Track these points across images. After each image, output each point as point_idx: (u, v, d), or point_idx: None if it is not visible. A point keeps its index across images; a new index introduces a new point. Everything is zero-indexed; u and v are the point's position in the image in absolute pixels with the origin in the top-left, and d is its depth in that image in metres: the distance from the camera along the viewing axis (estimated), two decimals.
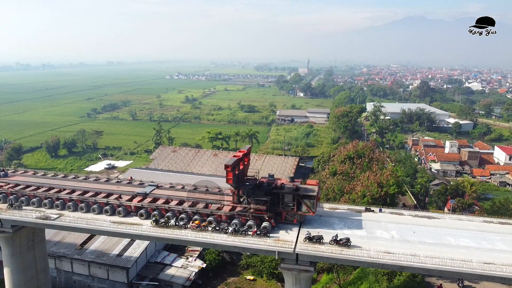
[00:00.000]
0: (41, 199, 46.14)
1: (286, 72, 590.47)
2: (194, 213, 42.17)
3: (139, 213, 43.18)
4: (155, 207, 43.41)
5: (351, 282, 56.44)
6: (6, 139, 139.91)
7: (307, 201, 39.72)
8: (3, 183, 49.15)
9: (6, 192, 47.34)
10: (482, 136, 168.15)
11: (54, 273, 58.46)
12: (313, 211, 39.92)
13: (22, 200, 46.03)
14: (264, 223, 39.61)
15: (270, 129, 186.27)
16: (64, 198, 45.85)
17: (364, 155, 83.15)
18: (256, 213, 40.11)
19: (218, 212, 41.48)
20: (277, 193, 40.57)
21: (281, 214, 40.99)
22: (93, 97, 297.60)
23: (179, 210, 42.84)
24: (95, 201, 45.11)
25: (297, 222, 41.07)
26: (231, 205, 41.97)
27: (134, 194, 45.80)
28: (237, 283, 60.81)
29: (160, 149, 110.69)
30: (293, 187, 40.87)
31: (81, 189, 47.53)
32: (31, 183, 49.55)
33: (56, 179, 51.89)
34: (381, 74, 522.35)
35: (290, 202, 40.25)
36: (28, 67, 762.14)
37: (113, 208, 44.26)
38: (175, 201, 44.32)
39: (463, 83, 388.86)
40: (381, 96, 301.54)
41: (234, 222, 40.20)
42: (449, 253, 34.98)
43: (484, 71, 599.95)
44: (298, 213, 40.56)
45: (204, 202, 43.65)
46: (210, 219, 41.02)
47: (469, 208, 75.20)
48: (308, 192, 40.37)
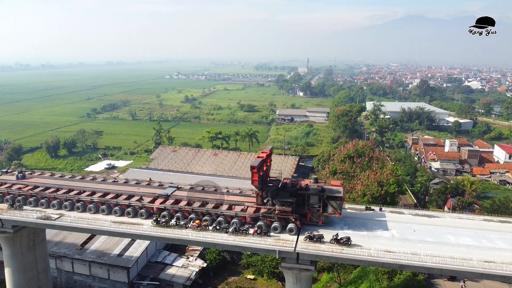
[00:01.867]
0: (61, 201, 45.52)
1: (285, 71, 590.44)
2: (217, 215, 41.43)
3: (162, 214, 42.36)
4: (178, 209, 42.59)
5: (352, 281, 56.55)
6: (6, 140, 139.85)
7: (333, 202, 39.21)
8: (22, 185, 48.45)
9: (26, 194, 46.63)
10: (482, 134, 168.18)
11: (55, 273, 58.52)
12: (339, 212, 39.34)
13: (42, 203, 45.49)
14: (290, 225, 39.06)
15: (270, 129, 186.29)
16: (85, 200, 45.23)
17: (364, 154, 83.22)
18: (282, 214, 39.38)
19: (242, 214, 40.72)
20: (303, 195, 39.90)
21: (306, 216, 40.34)
22: (93, 97, 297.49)
23: (202, 212, 41.96)
24: (116, 203, 44.37)
25: (322, 224, 40.42)
26: (255, 207, 41.21)
27: (155, 196, 44.93)
28: (238, 282, 60.87)
29: (160, 149, 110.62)
30: (318, 188, 40.32)
31: (101, 191, 46.73)
32: (50, 185, 48.65)
33: (74, 180, 51.03)
34: (381, 73, 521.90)
35: (316, 204, 39.66)
36: (27, 67, 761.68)
37: (135, 210, 43.56)
38: (197, 202, 43.43)
39: (463, 81, 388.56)
40: (380, 95, 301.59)
41: (259, 224, 39.53)
42: (450, 252, 35.08)
43: (483, 70, 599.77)
44: (323, 215, 39.96)
45: (227, 204, 42.81)
46: (234, 220, 40.32)
47: (469, 207, 75.30)
48: (334, 193, 39.85)
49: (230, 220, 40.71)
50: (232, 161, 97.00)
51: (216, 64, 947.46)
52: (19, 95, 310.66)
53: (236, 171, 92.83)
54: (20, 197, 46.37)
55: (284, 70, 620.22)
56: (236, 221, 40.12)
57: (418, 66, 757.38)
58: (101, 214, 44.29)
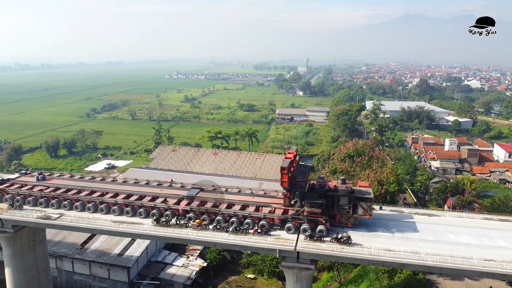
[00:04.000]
0: (83, 203, 44.90)
1: (285, 71, 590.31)
2: (244, 217, 40.71)
3: (187, 216, 41.71)
4: (205, 211, 41.70)
5: (352, 280, 56.57)
6: (6, 140, 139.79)
7: (363, 204, 38.72)
8: (43, 187, 47.81)
9: (48, 196, 46.05)
10: (482, 133, 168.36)
11: (55, 273, 58.50)
12: (370, 214, 38.83)
13: (65, 205, 44.94)
14: (320, 227, 38.31)
15: (269, 128, 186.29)
16: (108, 202, 44.51)
17: (364, 153, 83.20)
18: (311, 216, 38.70)
19: (271, 216, 39.97)
20: (332, 196, 39.39)
21: (335, 217, 39.85)
22: (93, 97, 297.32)
23: (229, 214, 41.18)
24: (141, 204, 43.50)
25: (351, 225, 39.91)
26: (283, 208, 40.50)
27: (180, 197, 43.99)
28: (238, 281, 60.89)
29: (160, 148, 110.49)
30: (348, 189, 39.92)
31: (124, 192, 45.85)
32: (72, 186, 47.90)
33: (94, 182, 50.16)
34: (380, 73, 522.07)
35: (346, 205, 39.14)
36: (27, 67, 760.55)
37: (160, 211, 42.81)
38: (223, 204, 42.61)
39: (462, 81, 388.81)
40: (380, 94, 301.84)
41: (288, 225, 38.91)
42: (450, 250, 35.09)
43: (483, 69, 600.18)
44: (353, 216, 39.45)
45: (254, 205, 42.02)
46: (262, 223, 39.50)
47: (469, 206, 75.38)
48: (364, 194, 39.38)
49: (258, 222, 39.97)
50: (232, 161, 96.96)
51: (215, 64, 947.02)
52: (18, 95, 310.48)
53: (236, 170, 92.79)
54: (42, 199, 45.68)
55: (283, 70, 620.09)
56: (264, 223, 39.42)
57: (418, 65, 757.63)
58: (126, 216, 43.49)
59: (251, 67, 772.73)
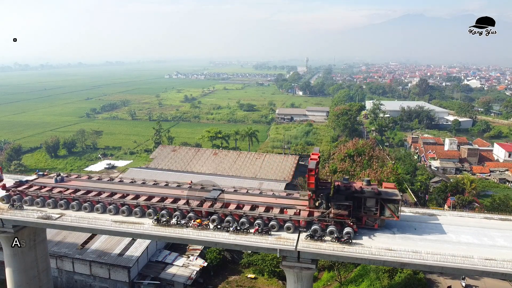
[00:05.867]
0: (105, 204, 44.61)
1: (285, 70, 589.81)
2: (269, 219, 40.30)
3: (211, 218, 41.43)
4: (229, 213, 41.22)
5: (352, 279, 56.61)
6: (6, 140, 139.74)
7: (391, 206, 38.32)
8: (63, 188, 47.48)
9: (68, 198, 45.78)
10: (482, 133, 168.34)
11: (55, 273, 58.57)
12: (397, 215, 38.32)
13: (86, 206, 44.65)
14: (347, 229, 37.91)
15: (269, 128, 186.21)
16: (130, 204, 44.17)
17: (364, 153, 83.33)
18: (338, 218, 38.28)
19: (296, 218, 39.53)
20: (359, 198, 38.91)
21: (361, 219, 39.35)
22: (92, 97, 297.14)
23: (253, 216, 40.76)
24: (163, 206, 43.23)
25: (378, 227, 39.63)
26: (308, 210, 40.06)
27: (203, 199, 43.62)
28: (239, 281, 60.93)
29: (160, 148, 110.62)
30: (375, 191, 39.47)
31: (145, 194, 45.64)
32: (92, 188, 47.72)
33: (113, 183, 50.08)
34: (380, 72, 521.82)
35: (373, 207, 38.70)
36: (26, 67, 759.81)
37: (183, 214, 42.56)
38: (247, 206, 42.15)
39: (462, 80, 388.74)
40: (380, 94, 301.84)
41: (314, 228, 38.39)
42: (450, 250, 35.16)
43: (482, 69, 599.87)
44: (380, 218, 39.04)
45: (278, 207, 41.63)
46: (288, 225, 39.26)
47: (469, 205, 75.42)
48: (391, 196, 38.93)
49: (283, 224, 39.59)
50: (232, 161, 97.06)
51: (215, 64, 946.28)
52: (18, 95, 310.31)
53: (236, 170, 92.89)
54: (62, 201, 45.46)
55: (283, 70, 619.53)
56: (290, 225, 39.11)
57: (418, 65, 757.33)
58: (148, 218, 43.27)
59: (251, 67, 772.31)
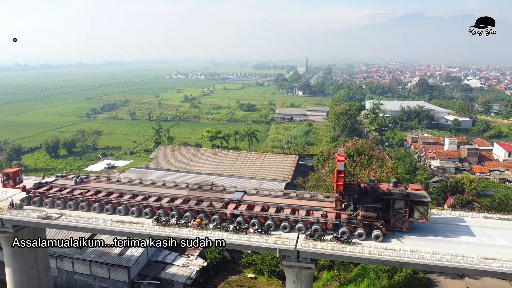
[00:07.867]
0: (127, 207, 44.45)
1: (285, 70, 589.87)
2: (296, 221, 39.71)
3: (236, 220, 40.89)
4: (255, 215, 40.78)
5: (352, 279, 56.64)
6: (6, 140, 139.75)
7: (420, 207, 37.79)
8: (83, 190, 47.17)
9: (89, 200, 45.40)
10: (481, 133, 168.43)
11: (55, 272, 58.57)
12: (427, 218, 37.78)
13: (107, 208, 44.40)
14: (375, 231, 37.48)
15: (269, 128, 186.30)
16: (153, 206, 43.74)
17: (363, 153, 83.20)
18: (366, 220, 37.78)
19: (324, 220, 39.15)
20: (387, 199, 38.33)
21: (389, 221, 38.78)
22: (92, 97, 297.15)
23: (279, 218, 40.35)
24: (188, 208, 42.88)
25: (406, 229, 39.05)
26: (335, 212, 39.57)
27: (226, 201, 43.28)
28: (238, 281, 60.97)
29: (159, 148, 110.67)
30: (403, 192, 39.07)
31: (168, 196, 45.30)
32: (113, 189, 47.30)
33: (134, 185, 49.57)
34: (380, 72, 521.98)
35: (402, 209, 38.07)
36: (26, 67, 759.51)
37: (206, 215, 42.27)
38: (272, 208, 41.75)
39: (462, 80, 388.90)
40: (380, 94, 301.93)
41: (342, 230, 37.88)
42: (450, 249, 35.18)
43: (482, 68, 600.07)
44: (409, 220, 38.47)
45: (304, 209, 41.17)
46: (315, 227, 38.65)
47: (468, 205, 75.42)
48: (420, 198, 38.48)
49: (310, 226, 39.15)
50: (232, 160, 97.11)
51: (215, 64, 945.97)
52: (18, 95, 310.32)
53: (236, 170, 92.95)
54: (83, 203, 45.19)
55: (283, 69, 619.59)
56: (317, 227, 38.65)
57: (417, 64, 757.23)
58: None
59: (251, 67, 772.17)
